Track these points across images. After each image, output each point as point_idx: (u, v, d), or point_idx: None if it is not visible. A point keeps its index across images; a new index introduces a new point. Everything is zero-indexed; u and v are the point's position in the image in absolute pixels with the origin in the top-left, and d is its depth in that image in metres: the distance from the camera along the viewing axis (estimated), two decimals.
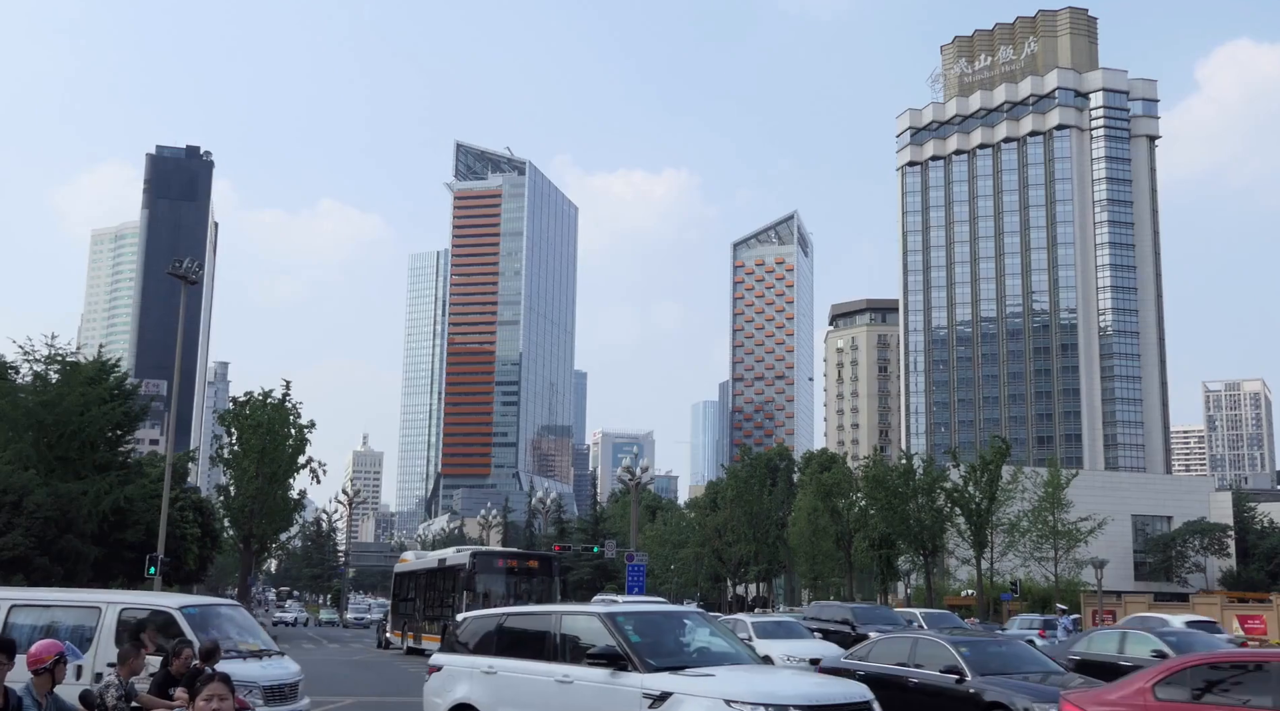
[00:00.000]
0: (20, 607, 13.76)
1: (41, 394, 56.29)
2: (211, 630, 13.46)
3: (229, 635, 14.07)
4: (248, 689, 12.55)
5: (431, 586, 39.38)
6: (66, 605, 14.18)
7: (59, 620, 13.66)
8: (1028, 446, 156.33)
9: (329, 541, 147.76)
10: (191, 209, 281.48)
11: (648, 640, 11.77)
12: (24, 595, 15.28)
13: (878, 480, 67.44)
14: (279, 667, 14.08)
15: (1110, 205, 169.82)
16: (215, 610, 14.68)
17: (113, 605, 13.39)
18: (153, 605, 13.61)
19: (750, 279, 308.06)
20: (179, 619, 12.97)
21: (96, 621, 13.23)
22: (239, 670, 12.79)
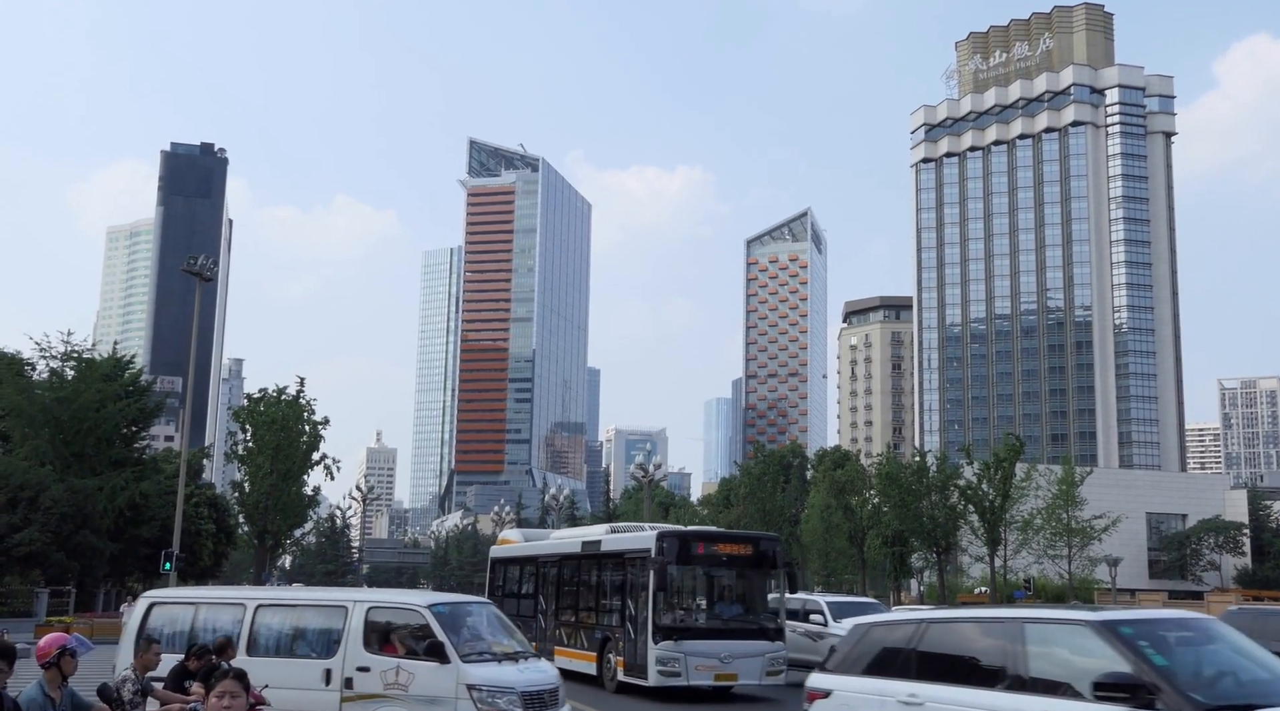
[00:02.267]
0: (266, 607, 13.41)
1: (58, 390, 56.62)
2: (463, 630, 12.91)
3: (481, 635, 13.34)
4: (503, 695, 12.03)
5: (574, 580, 27.30)
6: (313, 604, 13.64)
7: (305, 620, 13.25)
8: (1042, 444, 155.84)
9: (343, 537, 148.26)
10: (206, 206, 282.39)
11: (1177, 663, 8.32)
12: (270, 594, 15.14)
13: (891, 477, 67.29)
14: (537, 672, 13.07)
15: (1125, 202, 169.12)
16: (465, 608, 13.99)
17: (360, 603, 12.85)
18: (401, 603, 13.05)
19: (764, 276, 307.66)
20: (428, 617, 12.36)
21: (343, 621, 12.72)
22: (492, 675, 12.29)
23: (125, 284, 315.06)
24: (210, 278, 49.46)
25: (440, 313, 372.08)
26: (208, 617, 13.66)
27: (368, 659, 12.37)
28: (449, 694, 11.87)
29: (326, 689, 12.33)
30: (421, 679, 12.02)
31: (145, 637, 11.66)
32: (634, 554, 23.37)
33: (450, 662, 11.98)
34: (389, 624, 12.64)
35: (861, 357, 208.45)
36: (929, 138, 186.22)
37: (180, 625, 13.74)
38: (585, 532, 29.12)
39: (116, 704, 9.22)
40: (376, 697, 12.08)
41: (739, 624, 22.83)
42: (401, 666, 12.07)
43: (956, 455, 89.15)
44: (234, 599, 13.97)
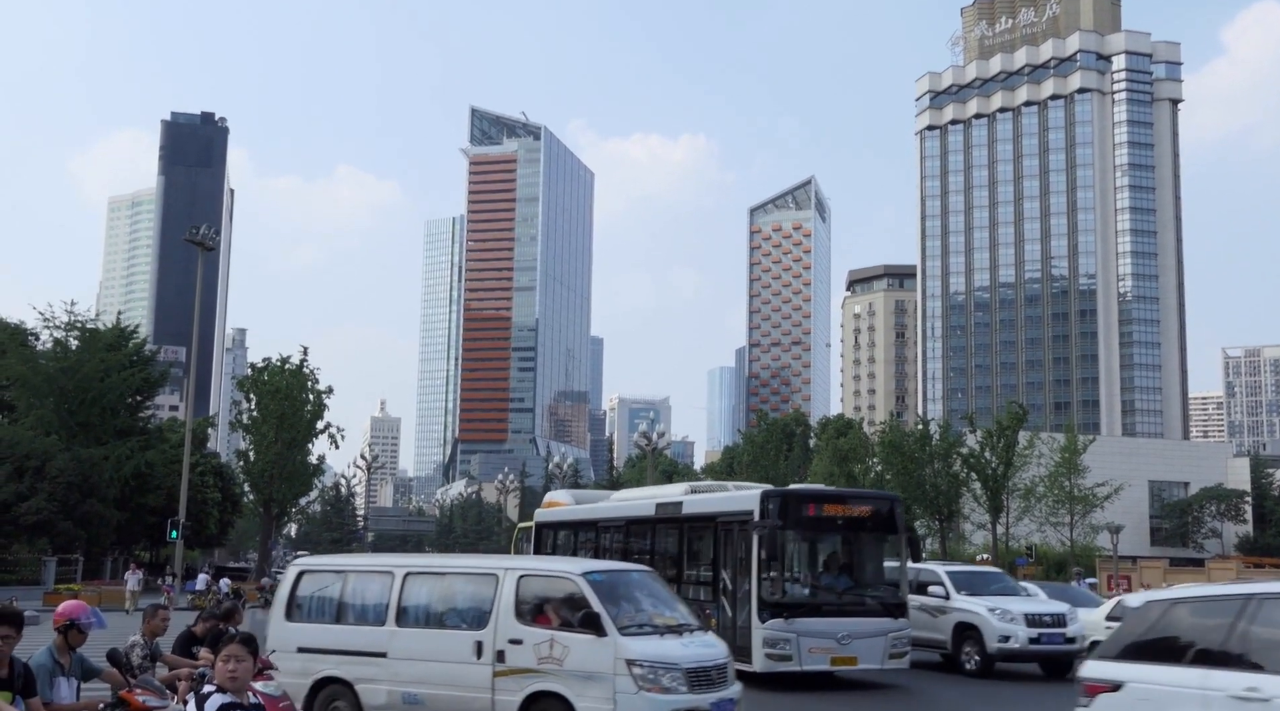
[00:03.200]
0: (415, 576, 12.74)
1: (62, 360, 56.76)
2: (622, 600, 11.93)
3: (641, 606, 12.27)
4: (666, 671, 11.07)
5: (646, 549, 23.13)
6: (463, 572, 12.98)
7: (455, 589, 12.65)
8: (1045, 412, 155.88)
9: (348, 506, 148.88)
10: (207, 176, 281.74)
11: None
12: (420, 562, 14.38)
13: (894, 445, 67.39)
14: (703, 646, 11.94)
15: (1131, 170, 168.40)
16: (625, 577, 12.94)
17: (511, 571, 12.05)
18: (554, 571, 12.29)
19: (767, 245, 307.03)
20: (583, 586, 11.50)
21: (494, 590, 11.95)
22: (654, 649, 11.31)
23: (128, 254, 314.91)
24: (212, 247, 49.45)
25: (443, 282, 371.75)
26: (356, 586, 13.24)
27: (520, 630, 11.61)
28: (606, 669, 11.04)
29: (478, 662, 11.72)
30: (577, 652, 11.24)
31: (152, 604, 11.60)
32: (730, 517, 20.10)
33: (607, 635, 11.15)
34: (542, 593, 11.94)
35: (865, 326, 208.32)
36: (934, 105, 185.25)
37: (329, 593, 13.39)
38: (658, 493, 25.30)
39: (126, 668, 9.32)
40: (530, 672, 11.39)
41: (858, 599, 19.87)
42: (555, 639, 11.32)
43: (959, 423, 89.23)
44: (382, 567, 13.47)
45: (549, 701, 11.18)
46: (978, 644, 21.89)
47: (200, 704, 5.35)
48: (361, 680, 12.33)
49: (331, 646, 12.77)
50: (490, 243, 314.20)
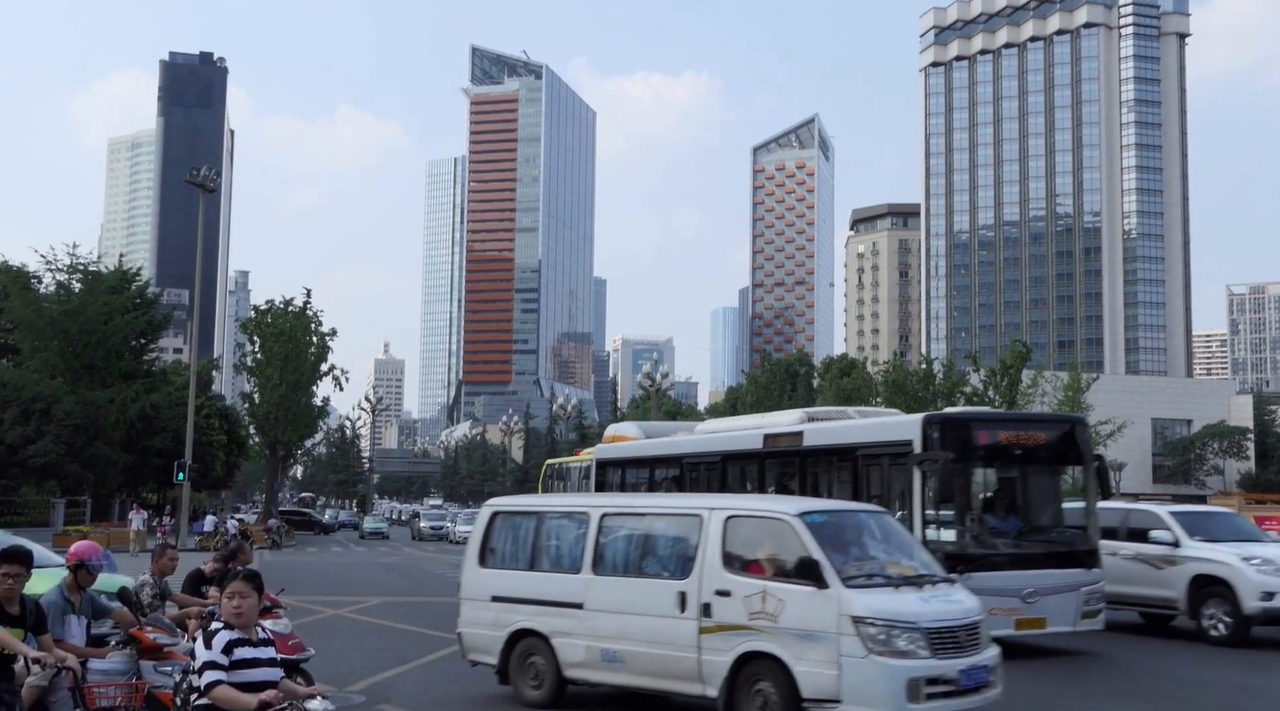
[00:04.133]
0: (612, 517, 11.47)
1: (65, 303, 56.74)
2: (847, 546, 10.28)
3: (869, 552, 10.57)
4: (902, 631, 9.27)
5: (751, 490, 19.74)
6: (663, 513, 11.47)
7: (655, 532, 11.21)
8: (1048, 351, 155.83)
9: (353, 448, 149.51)
10: (207, 116, 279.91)
11: None
12: (617, 502, 12.97)
13: (897, 385, 67.58)
14: (948, 601, 9.93)
15: (1137, 105, 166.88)
16: (851, 518, 11.06)
17: (717, 512, 10.52)
18: (766, 511, 10.51)
19: (770, 184, 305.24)
20: (799, 528, 9.83)
21: (698, 533, 10.47)
22: (886, 604, 9.48)
23: (128, 196, 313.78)
24: (213, 188, 49.22)
25: (445, 223, 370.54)
26: (551, 527, 12.13)
27: (728, 580, 10.06)
28: (829, 627, 9.36)
29: (681, 616, 10.26)
30: (793, 607, 9.59)
31: (161, 543, 11.57)
32: (877, 449, 16.76)
33: (829, 587, 9.44)
34: (753, 537, 10.36)
35: (868, 265, 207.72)
36: (938, 41, 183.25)
37: (523, 536, 12.29)
38: (764, 422, 21.80)
39: (136, 607, 9.39)
40: (740, 629, 9.86)
41: (1043, 545, 16.42)
42: (769, 591, 9.74)
43: (963, 362, 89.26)
44: (577, 507, 12.24)
45: (762, 663, 9.71)
46: (1227, 603, 17.17)
47: (208, 640, 5.38)
48: (557, 633, 11.27)
49: (526, 595, 11.71)
50: (492, 183, 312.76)
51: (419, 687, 12.91)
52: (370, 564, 38.95)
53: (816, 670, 9.33)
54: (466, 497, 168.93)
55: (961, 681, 9.42)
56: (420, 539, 65.42)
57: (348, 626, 18.90)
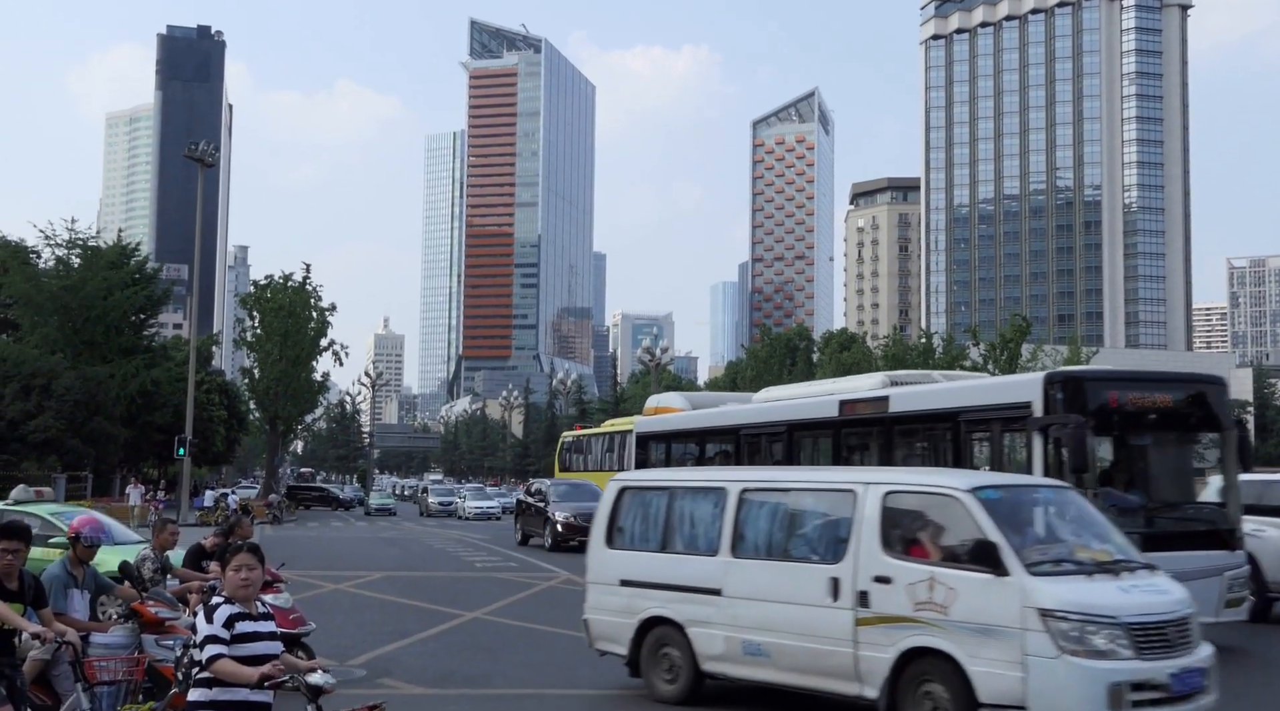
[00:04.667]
0: (753, 492, 10.31)
1: (64, 278, 56.64)
2: (1028, 526, 8.97)
3: (1056, 534, 9.25)
4: (1100, 627, 7.96)
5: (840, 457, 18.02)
6: (812, 487, 10.31)
7: (802, 508, 10.12)
8: (1049, 324, 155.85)
9: (353, 422, 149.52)
10: (205, 90, 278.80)
11: None
12: (757, 476, 11.43)
13: (897, 359, 67.61)
14: (1151, 591, 8.50)
15: (1139, 78, 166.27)
16: (1031, 494, 9.73)
17: (874, 486, 9.26)
18: (931, 486, 9.21)
19: (770, 158, 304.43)
20: (971, 505, 8.56)
21: (852, 511, 9.27)
22: (1080, 595, 8.15)
23: (127, 170, 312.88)
24: (212, 163, 49.06)
25: (444, 198, 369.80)
26: (684, 504, 11.01)
27: (888, 565, 8.90)
28: (1010, 621, 8.09)
29: (833, 605, 9.14)
30: (967, 597, 8.34)
31: (161, 518, 11.54)
32: (986, 414, 14.80)
33: (1010, 575, 8.16)
34: (917, 515, 9.18)
35: (868, 240, 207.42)
36: (939, 13, 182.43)
37: (653, 511, 11.23)
38: (837, 387, 19.64)
39: (137, 581, 9.43)
40: (903, 621, 8.69)
41: (1178, 524, 14.33)
42: (937, 577, 8.52)
43: (963, 336, 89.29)
44: (713, 482, 11.04)
45: (931, 661, 8.53)
46: None
47: (209, 613, 5.40)
48: (694, 622, 10.31)
49: (658, 579, 10.74)
50: (491, 157, 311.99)
51: (420, 661, 12.96)
52: (371, 538, 39.06)
53: (996, 671, 8.10)
54: (466, 472, 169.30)
55: (1173, 686, 8.01)
56: (429, 515, 62.38)
57: (349, 601, 18.97)
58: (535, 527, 33.14)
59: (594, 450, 39.90)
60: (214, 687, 5.33)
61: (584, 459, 40.40)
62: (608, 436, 38.47)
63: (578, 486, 33.50)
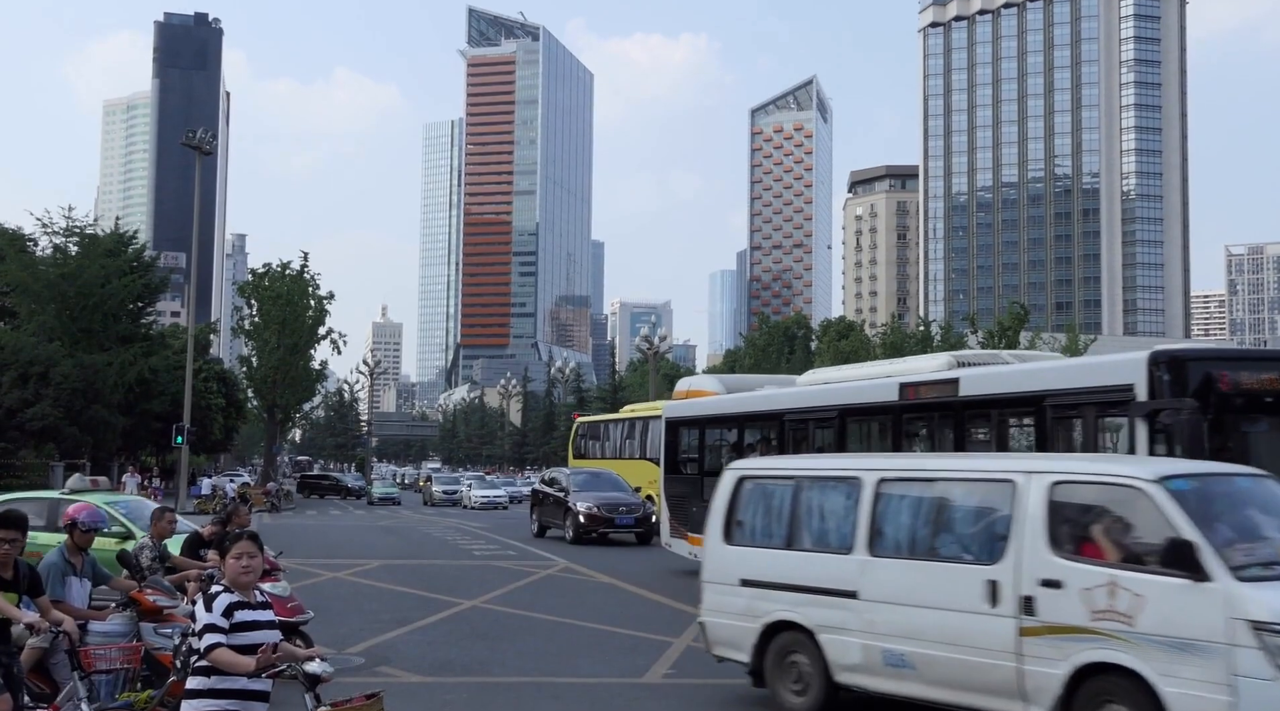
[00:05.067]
0: (893, 483, 9.23)
1: (62, 266, 56.58)
2: (1222, 522, 7.59)
3: (1260, 531, 7.92)
4: None
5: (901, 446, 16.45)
6: (963, 477, 8.99)
7: (951, 501, 8.92)
8: (1047, 312, 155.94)
9: (351, 411, 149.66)
10: (202, 78, 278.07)
11: None
12: (900, 464, 10.14)
13: (895, 347, 67.65)
14: None
15: (1137, 65, 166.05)
16: (1228, 484, 8.41)
17: (1038, 476, 8.04)
18: (1108, 475, 7.97)
19: (768, 146, 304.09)
20: (1159, 498, 7.42)
21: (1012, 504, 8.11)
22: None
23: (124, 158, 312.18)
24: (209, 151, 49.00)
25: (442, 186, 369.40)
26: (812, 496, 9.96)
27: (1058, 567, 7.78)
28: (1213, 635, 6.97)
29: (992, 611, 8.03)
30: (1157, 605, 7.24)
31: (159, 507, 11.48)
32: (1076, 397, 13.12)
33: (1212, 580, 7.03)
34: (1091, 509, 7.95)
35: (867, 228, 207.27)
36: (937, 1, 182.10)
37: (778, 503, 10.21)
38: (894, 369, 17.94)
39: (136, 570, 9.43)
40: (1078, 632, 7.58)
41: None
42: (1119, 582, 7.43)
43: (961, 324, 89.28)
44: (847, 471, 9.92)
45: (1112, 680, 7.44)
46: None
47: (208, 602, 5.40)
48: (826, 627, 9.31)
49: (784, 580, 9.77)
50: (490, 146, 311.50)
51: (418, 650, 12.97)
52: (369, 527, 39.09)
53: (1196, 692, 6.97)
54: (464, 461, 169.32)
55: None
56: (433, 504, 60.72)
57: (347, 589, 18.99)
58: (554, 518, 31.73)
59: (613, 437, 37.98)
60: (212, 676, 5.33)
61: (600, 445, 38.69)
62: (628, 422, 36.61)
63: (598, 475, 32.06)
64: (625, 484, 31.32)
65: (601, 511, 28.98)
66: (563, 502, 30.74)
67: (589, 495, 29.97)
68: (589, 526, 29.16)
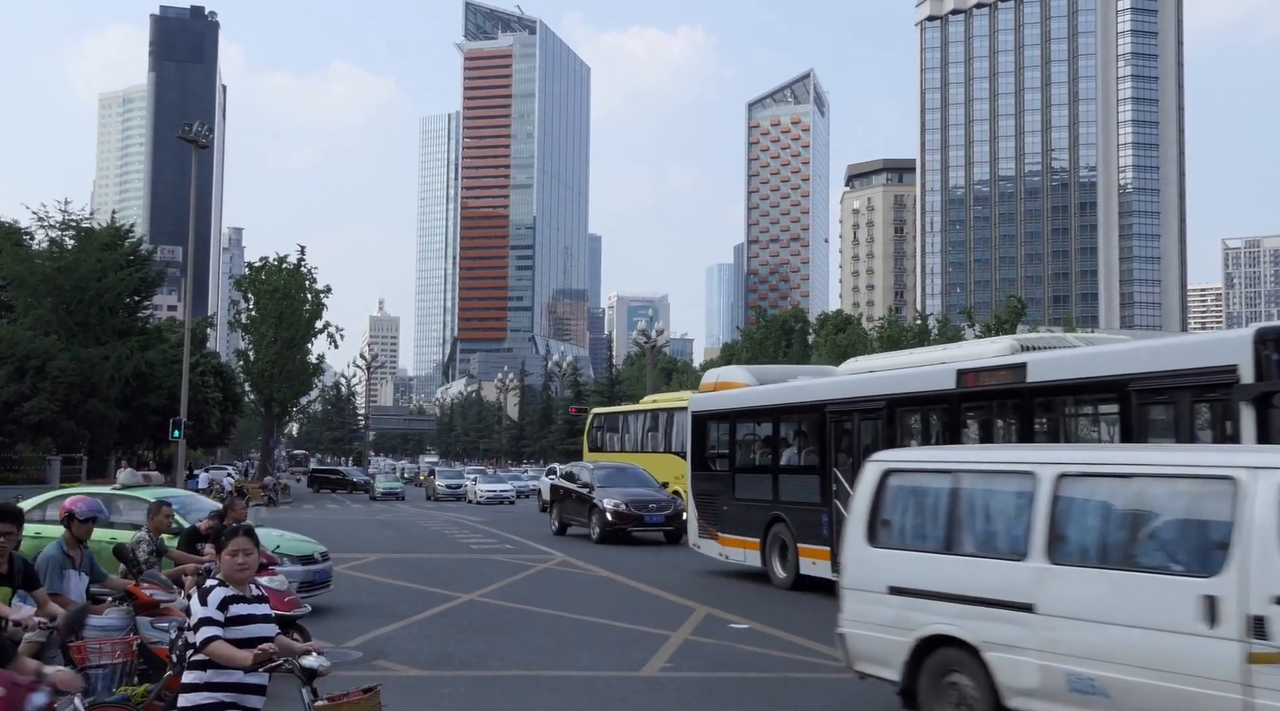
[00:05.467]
0: (1075, 479, 7.86)
1: (58, 260, 56.58)
2: None
3: None
4: None
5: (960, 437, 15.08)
6: (1167, 472, 7.50)
7: (1152, 501, 7.57)
8: (1044, 306, 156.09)
9: (348, 405, 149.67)
10: (199, 72, 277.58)
11: None
12: (1083, 458, 8.46)
13: (892, 341, 67.66)
14: None
15: (1134, 59, 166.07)
16: None
17: (1265, 472, 6.79)
18: None
19: (765, 139, 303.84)
20: None
21: (1231, 503, 6.89)
22: None
23: (121, 152, 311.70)
24: (206, 144, 48.87)
25: (440, 180, 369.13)
26: (975, 493, 8.65)
27: None
28: None
29: (1209, 633, 6.78)
30: None
31: (156, 501, 11.43)
32: (1168, 381, 11.91)
33: None
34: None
35: (864, 221, 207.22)
36: None
37: (932, 501, 8.97)
38: (949, 355, 16.47)
39: (133, 564, 9.41)
40: None
41: None
42: None
43: (958, 318, 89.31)
44: (1018, 464, 8.53)
45: None
46: None
47: (204, 596, 5.38)
48: (994, 644, 7.99)
49: (942, 588, 8.45)
50: (487, 139, 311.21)
51: (416, 643, 12.95)
52: (366, 521, 39.09)
53: None
54: (462, 454, 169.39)
55: None
56: (436, 499, 58.19)
57: (344, 583, 18.97)
58: (576, 516, 29.66)
59: (633, 429, 36.28)
60: (209, 670, 5.31)
61: (619, 438, 37.02)
62: (650, 414, 35.09)
63: (622, 469, 30.17)
64: (652, 478, 29.72)
65: (631, 509, 27.30)
66: (587, 499, 28.79)
67: (615, 491, 28.13)
68: (617, 524, 27.33)
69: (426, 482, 67.30)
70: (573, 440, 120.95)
